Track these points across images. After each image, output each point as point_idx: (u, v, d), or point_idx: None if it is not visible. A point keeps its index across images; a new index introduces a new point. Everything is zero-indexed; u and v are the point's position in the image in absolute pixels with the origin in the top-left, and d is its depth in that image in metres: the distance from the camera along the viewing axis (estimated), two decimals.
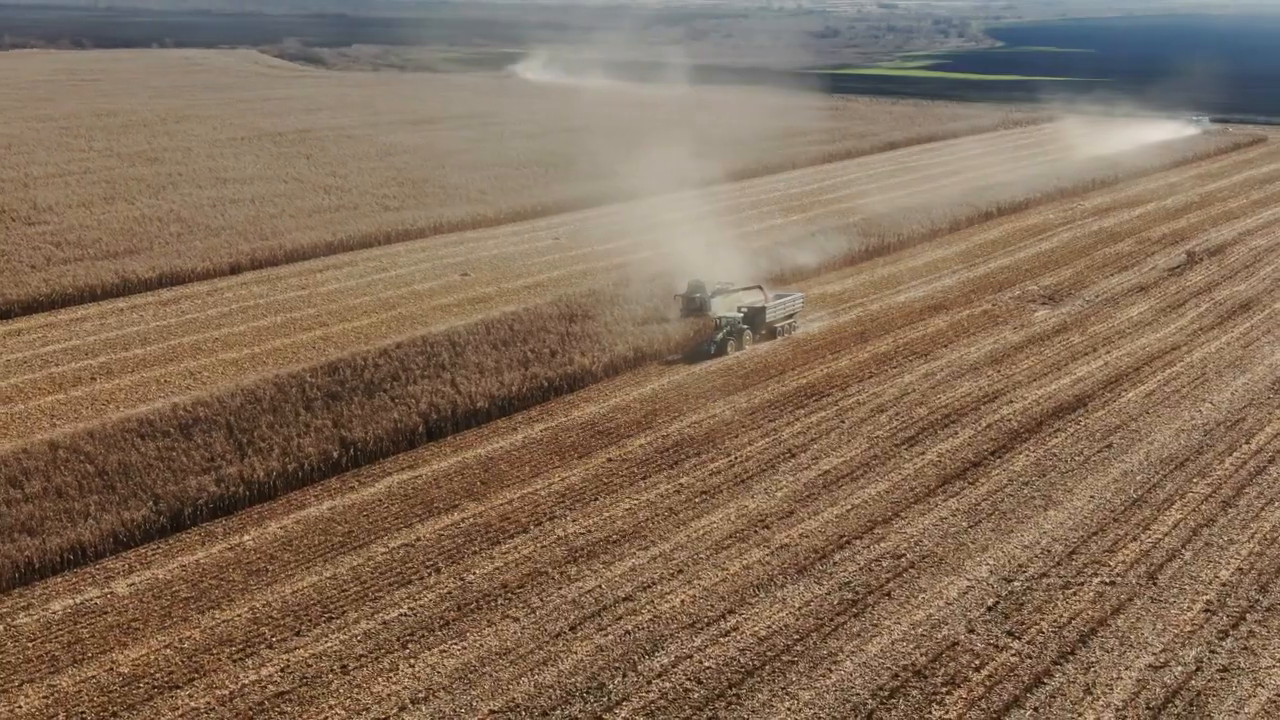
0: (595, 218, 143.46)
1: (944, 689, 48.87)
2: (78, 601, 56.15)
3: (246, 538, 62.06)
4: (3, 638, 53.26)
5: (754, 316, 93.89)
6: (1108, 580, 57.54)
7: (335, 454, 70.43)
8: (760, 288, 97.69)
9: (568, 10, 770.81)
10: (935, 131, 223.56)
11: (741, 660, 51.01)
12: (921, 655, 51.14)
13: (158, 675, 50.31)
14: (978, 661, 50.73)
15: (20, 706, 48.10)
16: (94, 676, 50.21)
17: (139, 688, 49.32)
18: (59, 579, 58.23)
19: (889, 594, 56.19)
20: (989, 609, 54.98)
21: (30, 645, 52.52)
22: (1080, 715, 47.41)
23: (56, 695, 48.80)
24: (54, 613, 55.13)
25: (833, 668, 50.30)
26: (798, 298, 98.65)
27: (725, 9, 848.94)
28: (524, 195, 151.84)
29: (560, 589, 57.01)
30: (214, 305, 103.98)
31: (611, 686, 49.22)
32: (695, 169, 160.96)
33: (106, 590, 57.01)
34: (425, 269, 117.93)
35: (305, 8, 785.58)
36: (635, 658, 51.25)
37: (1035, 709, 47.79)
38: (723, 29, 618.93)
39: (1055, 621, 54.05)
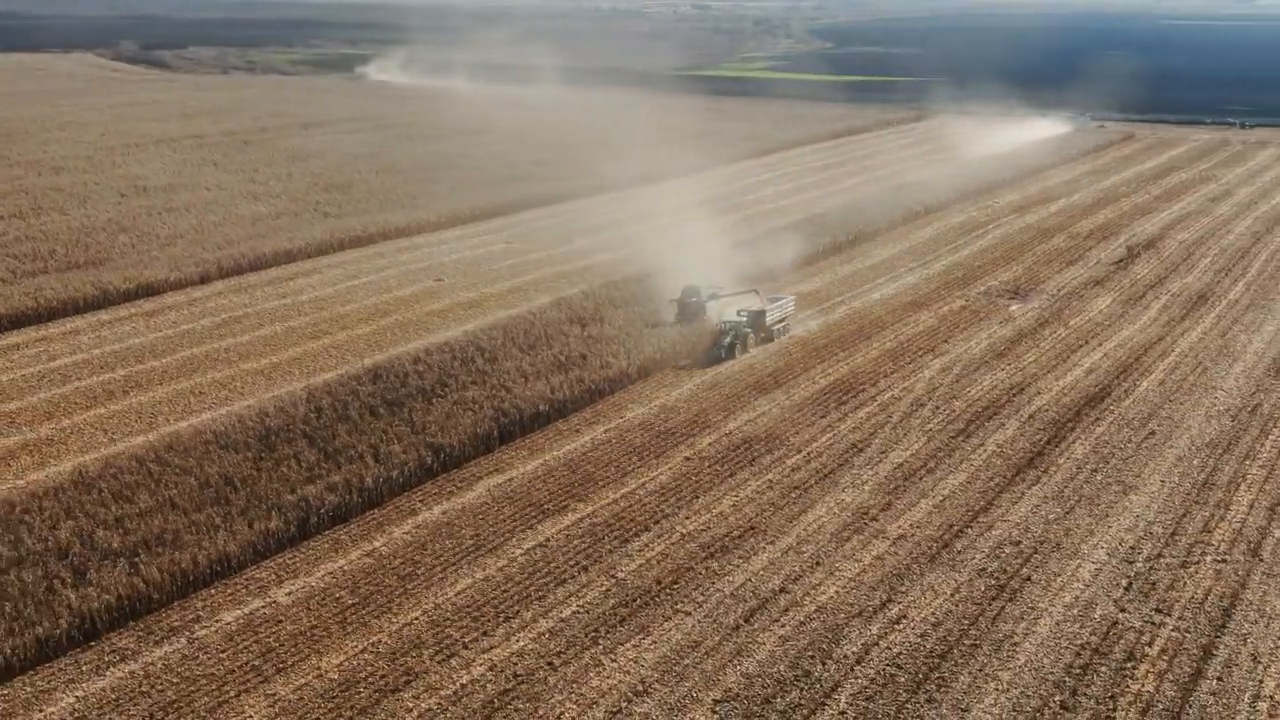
0: (535, 220, 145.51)
1: (1128, 664, 52.32)
2: (246, 612, 56.82)
3: (377, 543, 63.22)
4: (193, 649, 53.77)
5: (756, 320, 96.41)
6: (1218, 558, 61.55)
7: (429, 459, 71.36)
8: (756, 291, 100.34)
9: (383, 10, 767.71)
10: (820, 132, 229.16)
11: (927, 646, 53.80)
12: (1092, 635, 54.56)
13: (372, 679, 51.43)
14: (1146, 638, 54.29)
15: (251, 716, 48.87)
16: (307, 684, 51.21)
17: (360, 692, 50.50)
18: (211, 591, 58.92)
19: (1028, 579, 59.49)
20: (1126, 589, 58.61)
21: (224, 656, 53.25)
22: (1261, 682, 51.24)
23: (281, 704, 49.84)
24: (228, 624, 55.75)
25: (1015, 650, 53.40)
26: (790, 300, 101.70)
27: (541, 9, 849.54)
28: (455, 199, 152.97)
29: (714, 583, 59.25)
30: (203, 316, 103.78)
31: (816, 674, 51.75)
32: (612, 171, 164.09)
33: (269, 600, 57.79)
34: (394, 275, 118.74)
35: (114, 9, 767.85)
36: (824, 646, 53.80)
37: (1218, 679, 51.48)
38: (554, 30, 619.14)
39: (1193, 598, 57.83)
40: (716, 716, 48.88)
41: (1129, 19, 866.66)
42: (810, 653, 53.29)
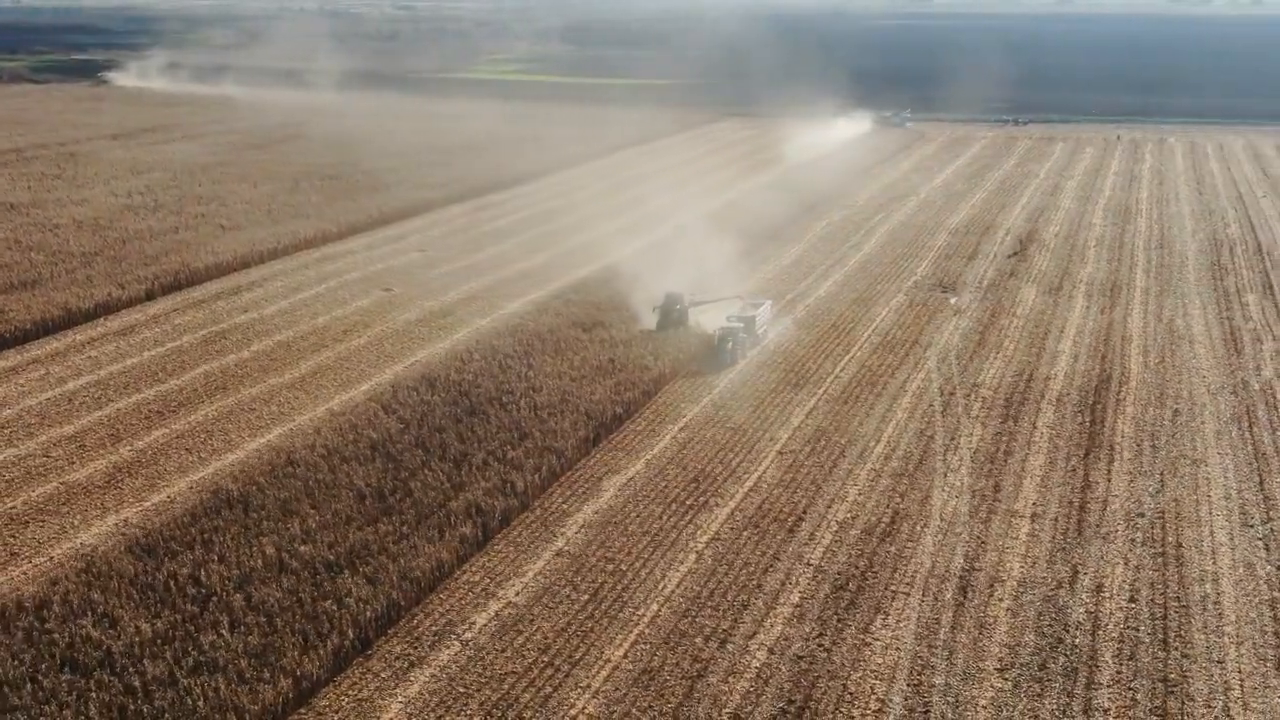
0: (430, 228, 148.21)
1: None
2: (492, 613, 59.37)
3: (559, 544, 66.22)
4: (473, 651, 56.14)
5: (749, 325, 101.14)
6: None
7: (553, 463, 74.35)
8: (739, 296, 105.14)
9: (85, 13, 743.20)
10: (633, 136, 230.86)
11: (1142, 610, 59.67)
12: (1274, 591, 61.27)
13: (667, 667, 54.79)
14: None
15: (584, 708, 51.92)
16: (610, 675, 54.28)
17: (666, 678, 53.82)
18: (440, 596, 60.92)
19: (1179, 544, 66.01)
20: (1267, 550, 65.58)
21: (507, 655, 55.85)
22: None
23: (604, 695, 52.85)
24: (486, 625, 58.29)
25: (1220, 608, 59.69)
26: (768, 304, 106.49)
27: (242, 9, 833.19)
28: (341, 209, 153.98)
29: (905, 565, 64.09)
30: (182, 333, 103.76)
31: (1069, 640, 57.04)
32: (467, 178, 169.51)
33: (506, 601, 60.41)
34: (335, 286, 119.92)
35: None
36: (1058, 615, 59.16)
37: None
38: (277, 32, 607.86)
39: None
40: (1009, 683, 53.41)
41: (830, 19, 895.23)
42: (1047, 622, 58.14)
